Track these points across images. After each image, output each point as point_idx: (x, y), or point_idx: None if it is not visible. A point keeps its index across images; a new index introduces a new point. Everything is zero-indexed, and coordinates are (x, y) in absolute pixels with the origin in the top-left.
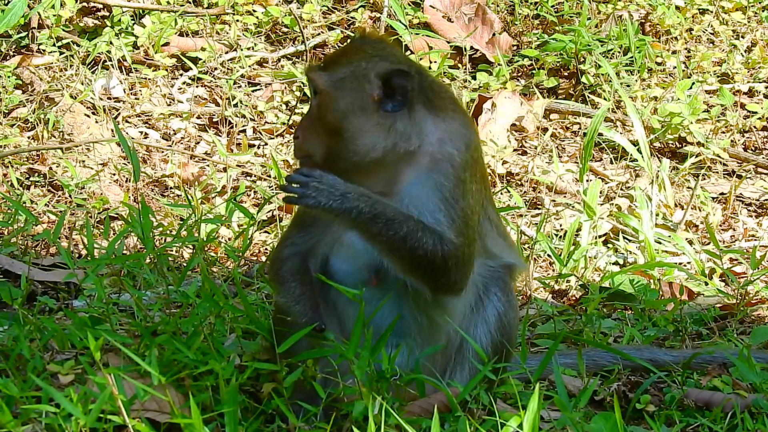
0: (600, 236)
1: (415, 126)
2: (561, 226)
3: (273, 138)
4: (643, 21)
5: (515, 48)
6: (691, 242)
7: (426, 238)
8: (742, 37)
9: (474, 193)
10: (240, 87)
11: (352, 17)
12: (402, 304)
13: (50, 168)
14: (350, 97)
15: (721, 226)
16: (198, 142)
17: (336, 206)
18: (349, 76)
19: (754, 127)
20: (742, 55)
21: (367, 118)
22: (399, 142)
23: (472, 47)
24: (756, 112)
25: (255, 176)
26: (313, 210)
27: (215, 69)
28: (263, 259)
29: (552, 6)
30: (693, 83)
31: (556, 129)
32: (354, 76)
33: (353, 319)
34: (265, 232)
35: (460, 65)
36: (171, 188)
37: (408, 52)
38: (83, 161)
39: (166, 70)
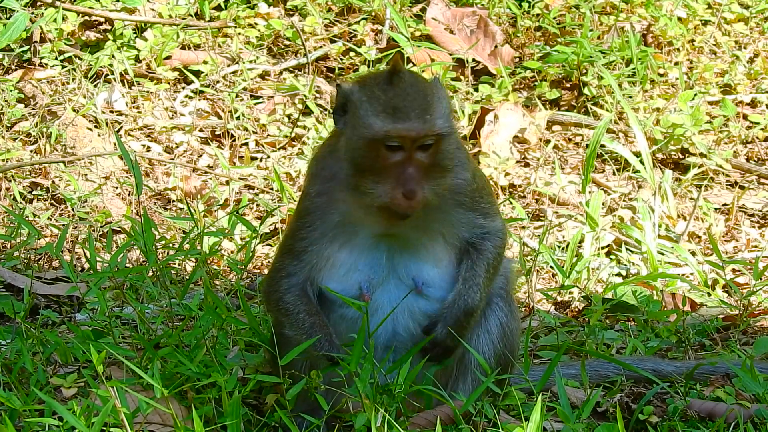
0: (602, 247)
1: None
2: (563, 237)
3: (275, 151)
4: (645, 32)
5: (517, 60)
6: (693, 253)
7: (497, 240)
8: (745, 47)
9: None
10: (242, 100)
11: (353, 30)
12: (397, 319)
13: (53, 182)
14: (454, 129)
15: (723, 236)
16: (200, 155)
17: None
18: (449, 110)
19: (757, 137)
20: (745, 66)
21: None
22: None
23: (474, 59)
24: (758, 123)
25: (257, 189)
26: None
27: (217, 82)
28: (266, 271)
29: (554, 18)
30: (695, 94)
31: (558, 140)
32: (450, 108)
33: (343, 334)
34: (268, 244)
35: (462, 77)
36: (173, 201)
37: (410, 65)
38: (86, 175)
39: (169, 83)
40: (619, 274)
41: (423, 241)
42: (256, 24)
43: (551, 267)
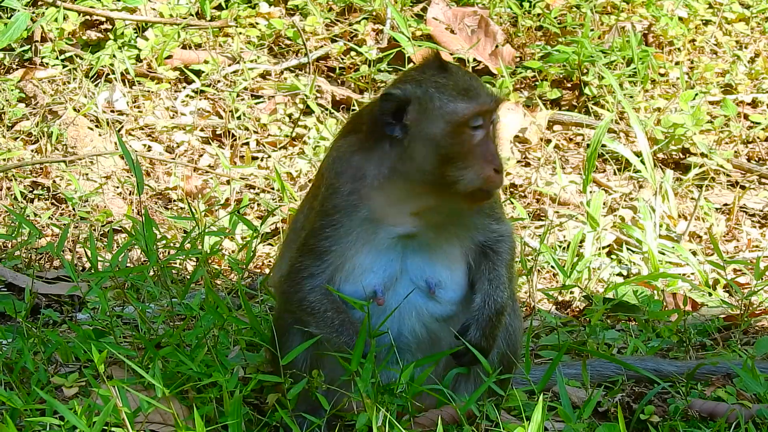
0: (603, 247)
1: None
2: (564, 237)
3: (276, 150)
4: (646, 32)
5: (518, 59)
6: (694, 253)
7: (510, 243)
8: (745, 47)
9: None
10: (243, 99)
11: (354, 29)
12: (403, 320)
13: (54, 181)
14: None
15: (724, 236)
16: (201, 155)
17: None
18: None
19: (758, 137)
20: (746, 66)
21: None
22: None
23: (475, 59)
24: (759, 123)
25: (258, 189)
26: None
27: (218, 82)
28: (267, 271)
29: (555, 17)
30: (696, 94)
31: (559, 140)
32: None
33: None
34: (269, 244)
35: None
36: (174, 201)
37: (410, 65)
38: (87, 174)
39: (169, 82)
40: (620, 274)
41: (440, 243)
42: (257, 23)
43: (552, 267)
